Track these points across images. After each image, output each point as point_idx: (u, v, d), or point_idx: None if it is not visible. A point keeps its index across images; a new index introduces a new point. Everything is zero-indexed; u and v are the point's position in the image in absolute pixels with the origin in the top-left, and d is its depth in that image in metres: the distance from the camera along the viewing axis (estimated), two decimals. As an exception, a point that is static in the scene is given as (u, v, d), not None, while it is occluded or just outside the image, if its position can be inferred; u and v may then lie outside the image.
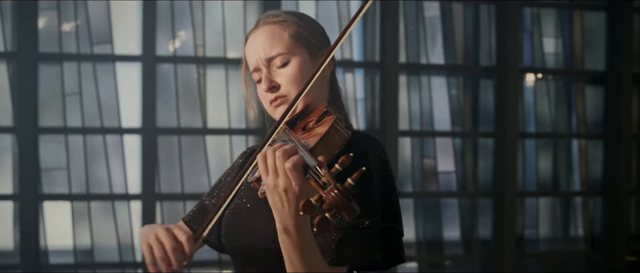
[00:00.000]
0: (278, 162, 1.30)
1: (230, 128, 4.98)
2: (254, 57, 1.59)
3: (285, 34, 1.57)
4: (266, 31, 1.58)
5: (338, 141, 1.37)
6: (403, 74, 5.45)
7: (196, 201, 4.83)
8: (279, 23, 1.58)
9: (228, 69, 5.00)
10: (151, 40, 4.70)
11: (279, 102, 1.57)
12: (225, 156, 5.00)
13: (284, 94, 1.57)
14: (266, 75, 1.57)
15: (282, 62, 1.56)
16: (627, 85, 6.08)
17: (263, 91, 1.59)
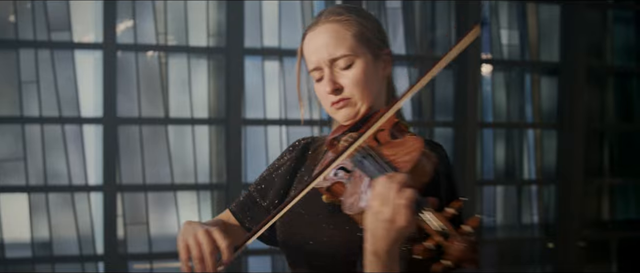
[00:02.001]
0: (390, 194, 1.19)
1: (192, 118, 4.71)
2: (315, 56, 1.48)
3: (349, 34, 1.46)
4: (329, 30, 1.46)
5: (429, 170, 1.27)
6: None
7: (158, 193, 4.66)
8: (343, 22, 1.46)
9: (190, 57, 4.73)
10: (111, 27, 4.41)
11: (342, 105, 1.47)
12: (188, 147, 4.73)
13: (348, 96, 1.47)
14: (330, 77, 1.46)
15: (346, 63, 1.45)
16: (581, 76, 6.01)
17: (325, 92, 1.48)
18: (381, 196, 1.20)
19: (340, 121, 1.49)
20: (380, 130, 1.41)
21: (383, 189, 1.20)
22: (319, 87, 1.49)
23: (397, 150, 1.32)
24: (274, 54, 5.00)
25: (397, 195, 1.19)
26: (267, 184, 1.56)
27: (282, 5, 5.03)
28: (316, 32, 1.47)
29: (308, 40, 1.48)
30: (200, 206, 4.74)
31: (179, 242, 1.39)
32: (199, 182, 4.72)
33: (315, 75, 1.49)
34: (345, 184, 1.35)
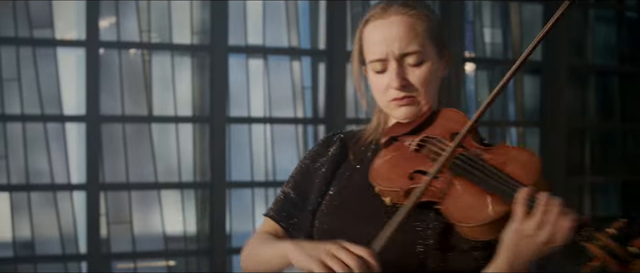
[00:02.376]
0: (551, 217, 1.16)
1: (176, 116, 4.65)
2: (383, 48, 1.36)
3: (421, 30, 1.38)
4: (403, 23, 1.36)
5: (546, 183, 1.24)
6: (349, 62, 5.23)
7: (141, 191, 4.60)
8: (416, 16, 1.37)
9: (174, 55, 4.68)
10: (94, 24, 4.34)
11: (406, 102, 1.37)
12: (172, 145, 4.68)
13: (413, 94, 1.38)
14: (398, 72, 1.36)
15: (416, 61, 1.37)
16: (562, 75, 6.02)
17: (391, 88, 1.37)
18: (540, 219, 1.16)
19: (399, 118, 1.39)
20: (456, 133, 1.35)
21: (543, 212, 1.16)
22: (378, 80, 1.38)
23: (503, 160, 1.27)
24: (258, 52, 4.95)
25: (559, 218, 1.16)
26: (305, 183, 1.46)
27: (267, 4, 4.99)
28: (387, 22, 1.36)
29: (373, 29, 1.38)
30: (184, 205, 4.69)
31: (312, 266, 1.24)
32: (182, 180, 4.67)
33: (376, 67, 1.38)
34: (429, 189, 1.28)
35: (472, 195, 1.24)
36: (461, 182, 1.26)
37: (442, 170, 1.27)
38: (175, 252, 4.64)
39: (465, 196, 1.24)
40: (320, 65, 5.16)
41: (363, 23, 1.40)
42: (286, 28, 5.05)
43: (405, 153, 1.36)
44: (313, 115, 5.13)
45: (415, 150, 1.35)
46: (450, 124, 1.38)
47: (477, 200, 1.23)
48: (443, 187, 1.26)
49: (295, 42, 5.09)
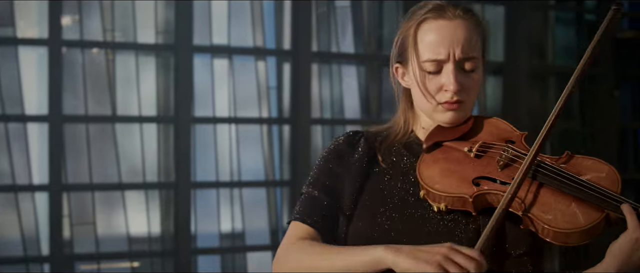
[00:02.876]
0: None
1: (140, 116, 4.60)
2: (444, 48, 1.33)
3: (478, 36, 1.37)
4: (466, 27, 1.34)
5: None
6: (314, 63, 5.23)
7: (105, 192, 4.53)
8: (477, 23, 1.37)
9: (138, 54, 4.62)
10: (57, 23, 4.26)
11: (457, 107, 1.35)
12: (136, 145, 4.62)
13: (464, 99, 1.36)
14: (456, 75, 1.33)
15: (472, 66, 1.35)
16: (523, 75, 6.09)
17: (445, 90, 1.34)
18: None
19: (444, 122, 1.37)
20: (511, 142, 1.36)
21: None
22: (431, 80, 1.35)
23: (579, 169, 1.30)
24: (224, 51, 4.92)
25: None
26: (334, 185, 1.39)
27: (232, 4, 4.95)
28: (452, 24, 1.34)
29: (435, 29, 1.34)
30: (149, 205, 4.64)
31: (429, 268, 1.21)
32: (147, 181, 4.62)
33: (430, 67, 1.34)
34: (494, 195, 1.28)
35: (562, 203, 1.26)
36: (546, 190, 1.27)
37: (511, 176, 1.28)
38: (140, 253, 4.58)
39: (556, 203, 1.26)
40: (285, 66, 5.14)
41: (417, 21, 1.35)
42: (251, 28, 5.03)
43: (460, 159, 1.34)
44: (278, 115, 5.12)
45: (477, 156, 1.33)
46: (499, 131, 1.38)
47: (569, 208, 1.25)
48: (525, 196, 1.27)
49: (260, 42, 5.07)
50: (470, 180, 1.29)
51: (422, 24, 1.34)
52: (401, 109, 1.42)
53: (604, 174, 1.28)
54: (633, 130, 7.07)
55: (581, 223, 1.23)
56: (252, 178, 4.99)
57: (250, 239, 4.94)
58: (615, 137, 6.62)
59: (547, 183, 1.26)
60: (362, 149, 1.40)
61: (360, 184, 1.37)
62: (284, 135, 5.13)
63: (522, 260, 1.31)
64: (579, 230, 1.23)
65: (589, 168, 1.29)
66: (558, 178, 1.27)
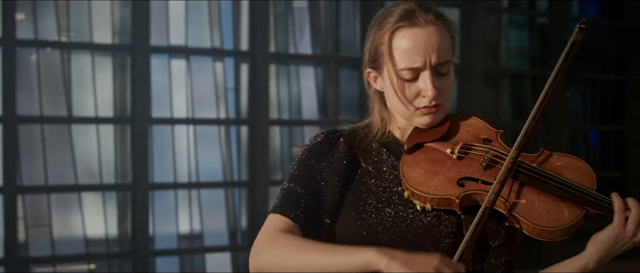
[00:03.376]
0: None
1: (97, 117, 4.53)
2: (420, 56, 1.35)
3: (450, 39, 1.40)
4: (438, 32, 1.37)
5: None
6: (272, 63, 5.23)
7: (61, 194, 4.46)
8: (448, 26, 1.40)
9: (94, 54, 4.56)
10: (10, 23, 4.17)
11: (434, 110, 1.38)
12: (92, 146, 4.55)
13: (440, 102, 1.38)
14: (433, 81, 1.35)
15: (446, 70, 1.38)
16: (478, 77, 6.17)
17: (423, 95, 1.36)
18: (637, 222, 1.28)
19: (423, 125, 1.39)
20: (487, 140, 1.39)
21: (637, 213, 1.28)
22: (408, 87, 1.37)
23: (557, 167, 1.34)
24: (181, 52, 4.88)
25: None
26: (314, 182, 1.40)
27: (189, 4, 4.92)
28: (425, 31, 1.35)
29: (410, 37, 1.36)
30: (106, 207, 4.57)
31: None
32: (104, 182, 4.56)
33: (407, 75, 1.36)
34: (479, 195, 1.32)
35: (544, 202, 1.31)
36: (528, 189, 1.31)
37: (493, 176, 1.32)
38: (97, 255, 4.51)
39: (539, 202, 1.31)
40: (242, 66, 5.13)
41: (390, 29, 1.36)
42: (209, 28, 5.00)
43: (442, 161, 1.36)
44: (236, 116, 5.10)
45: (459, 157, 1.36)
46: (476, 131, 1.41)
47: (552, 206, 1.31)
48: (508, 195, 1.31)
49: (218, 42, 5.05)
50: (455, 181, 1.33)
51: (396, 32, 1.36)
52: (376, 110, 1.43)
53: (580, 171, 1.34)
54: (584, 132, 7.23)
55: (564, 221, 1.29)
56: (210, 179, 4.96)
57: (208, 240, 4.91)
58: (567, 138, 6.75)
59: (530, 183, 1.31)
60: (342, 148, 1.41)
61: (343, 183, 1.38)
62: (241, 136, 5.11)
63: (500, 250, 1.37)
64: (562, 227, 1.28)
65: (566, 166, 1.34)
66: (540, 178, 1.31)
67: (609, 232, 1.29)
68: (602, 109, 7.26)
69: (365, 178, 1.40)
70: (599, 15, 7.28)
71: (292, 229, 1.37)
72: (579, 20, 1.41)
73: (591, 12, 7.30)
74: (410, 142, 1.39)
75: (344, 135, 1.43)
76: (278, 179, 5.17)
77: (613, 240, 1.29)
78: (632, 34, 7.23)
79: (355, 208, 1.37)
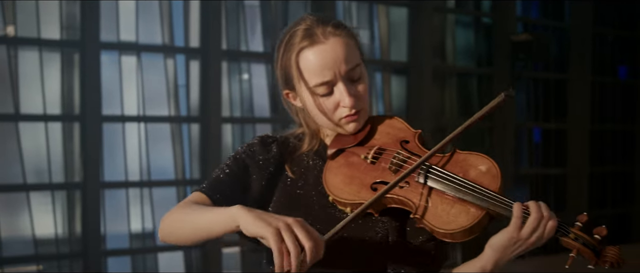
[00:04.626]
0: (542, 223, 1.29)
1: (45, 114, 4.39)
2: (328, 70, 1.37)
3: (354, 46, 1.38)
4: (341, 44, 1.37)
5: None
6: (224, 61, 5.15)
7: (8, 193, 4.29)
8: (348, 35, 1.38)
9: (42, 50, 4.41)
10: (-46, 17, 4.02)
11: (356, 118, 1.40)
12: (41, 144, 4.40)
13: (360, 108, 1.39)
14: (348, 90, 1.37)
15: (358, 76, 1.39)
16: (427, 75, 6.20)
17: (342, 106, 1.39)
18: (533, 227, 1.28)
19: (350, 132, 1.41)
20: (405, 142, 1.40)
21: (537, 221, 1.28)
22: (326, 101, 1.39)
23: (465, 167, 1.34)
24: (132, 48, 4.77)
25: (548, 223, 1.28)
26: (242, 175, 1.43)
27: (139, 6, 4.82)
28: (328, 46, 1.37)
29: (314, 55, 1.38)
30: (55, 207, 4.43)
31: (267, 233, 1.22)
32: (53, 181, 4.41)
33: (321, 90, 1.38)
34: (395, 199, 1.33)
35: (447, 204, 1.32)
36: (434, 192, 1.32)
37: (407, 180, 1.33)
38: (46, 256, 4.37)
39: (442, 205, 1.32)
40: (193, 63, 5.04)
41: (295, 52, 1.38)
42: (160, 25, 4.90)
43: (359, 165, 1.38)
44: (187, 114, 5.01)
45: (372, 162, 1.37)
46: (395, 132, 1.42)
47: (453, 209, 1.31)
48: (415, 197, 1.32)
49: (169, 39, 4.95)
50: (369, 185, 1.34)
51: (301, 53, 1.38)
52: (304, 124, 1.44)
53: (485, 170, 1.34)
54: (528, 129, 7.36)
55: (462, 223, 1.30)
56: (162, 177, 4.86)
57: (161, 239, 4.81)
58: (511, 135, 6.86)
59: (434, 186, 1.32)
60: (273, 153, 1.44)
61: (268, 184, 1.41)
62: (193, 133, 5.02)
63: (425, 246, 1.37)
64: (462, 229, 1.30)
65: (472, 165, 1.34)
66: (443, 180, 1.32)
67: (503, 236, 1.29)
68: (545, 107, 7.40)
69: (292, 187, 1.42)
70: (541, 16, 7.43)
71: (207, 203, 1.40)
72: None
73: (533, 12, 7.44)
74: (331, 147, 1.41)
75: (278, 141, 1.46)
76: (231, 177, 5.11)
77: (507, 242, 1.30)
78: (572, 33, 7.40)
79: (284, 212, 1.35)
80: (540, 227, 1.29)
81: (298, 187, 1.42)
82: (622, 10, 7.94)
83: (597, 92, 7.68)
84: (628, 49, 8.02)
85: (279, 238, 1.20)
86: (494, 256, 1.32)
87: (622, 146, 7.96)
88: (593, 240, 1.29)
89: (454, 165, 1.35)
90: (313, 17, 1.40)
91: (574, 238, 1.29)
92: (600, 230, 1.30)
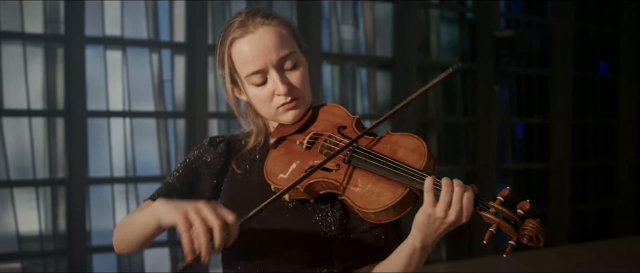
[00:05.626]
0: (456, 197, 1.25)
1: (29, 109, 4.30)
2: (260, 60, 1.39)
3: (288, 35, 1.41)
4: (272, 32, 1.40)
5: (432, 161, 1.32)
6: (210, 56, 5.09)
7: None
8: (280, 24, 1.41)
9: (26, 44, 4.32)
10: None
11: (294, 105, 1.41)
12: (25, 140, 4.31)
13: (298, 96, 1.41)
14: (281, 78, 1.39)
15: (293, 64, 1.41)
16: (412, 71, 6.18)
17: (277, 95, 1.40)
18: (446, 202, 1.24)
19: (289, 122, 1.43)
20: (342, 127, 1.39)
21: (448, 195, 1.24)
22: (261, 91, 1.41)
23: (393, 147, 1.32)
24: (117, 43, 4.69)
25: (463, 198, 1.25)
26: (191, 178, 1.47)
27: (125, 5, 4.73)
28: (256, 36, 1.39)
29: (244, 45, 1.39)
30: (39, 203, 4.34)
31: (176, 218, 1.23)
32: (37, 177, 4.32)
33: (255, 80, 1.40)
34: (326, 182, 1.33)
35: (371, 184, 1.30)
36: (359, 172, 1.31)
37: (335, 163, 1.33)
38: (31, 253, 4.28)
39: (365, 185, 1.30)
40: (178, 58, 4.97)
41: (227, 44, 1.40)
42: (145, 19, 4.82)
43: (297, 152, 1.39)
44: (174, 109, 4.94)
45: (307, 147, 1.38)
46: (334, 118, 1.43)
47: (376, 188, 1.30)
48: (342, 179, 1.31)
49: (155, 33, 4.87)
50: (304, 170, 1.35)
51: (233, 44, 1.41)
52: (251, 120, 1.47)
53: (413, 149, 1.32)
54: (511, 124, 7.36)
55: (384, 202, 1.28)
56: (148, 173, 4.79)
57: (146, 236, 4.73)
58: (494, 130, 6.85)
59: (358, 166, 1.32)
60: (221, 150, 1.48)
61: (217, 180, 1.45)
62: (178, 128, 4.95)
63: (372, 234, 1.37)
64: (384, 208, 1.27)
65: (402, 145, 1.33)
66: (366, 160, 1.31)
67: (421, 213, 1.27)
68: (528, 102, 7.41)
69: (237, 181, 1.45)
70: (523, 12, 7.43)
71: None
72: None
73: (516, 8, 7.44)
74: (273, 136, 1.43)
75: (226, 139, 1.50)
76: (217, 173, 5.05)
77: (426, 219, 1.27)
78: (554, 29, 7.41)
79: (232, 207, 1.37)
80: (454, 201, 1.24)
81: (243, 180, 1.44)
82: (602, 7, 7.97)
83: (578, 88, 7.70)
84: (608, 46, 8.06)
85: (185, 221, 1.21)
86: (418, 235, 1.29)
87: (603, 141, 8.00)
88: (514, 215, 1.25)
89: (384, 146, 1.33)
90: (246, 10, 1.43)
91: (494, 213, 1.24)
92: (523, 204, 1.25)
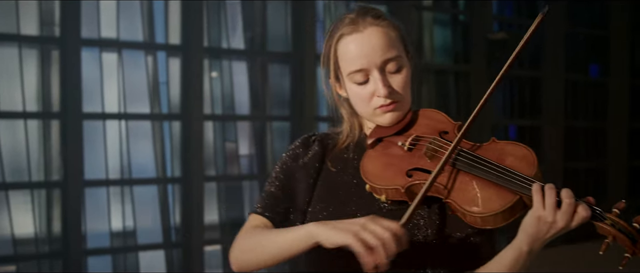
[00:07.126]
0: (570, 208, 1.25)
1: (25, 111, 4.25)
2: (364, 59, 1.39)
3: (395, 37, 1.40)
4: (379, 33, 1.39)
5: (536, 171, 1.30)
6: (206, 58, 5.05)
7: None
8: (388, 26, 1.40)
9: (22, 46, 4.27)
10: None
11: (392, 108, 1.40)
12: (20, 142, 4.27)
13: (398, 99, 1.40)
14: (383, 80, 1.38)
15: (396, 67, 1.40)
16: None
17: (377, 96, 1.40)
18: (553, 205, 1.25)
19: (386, 124, 1.42)
20: (444, 132, 1.39)
21: (552, 198, 1.24)
22: (362, 90, 1.41)
23: (500, 155, 1.32)
24: (113, 45, 4.65)
25: (577, 208, 1.25)
26: (290, 182, 1.48)
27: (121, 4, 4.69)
28: (365, 35, 1.39)
29: (350, 43, 1.39)
30: (34, 206, 4.30)
31: (349, 240, 1.24)
32: (32, 180, 4.28)
33: (358, 78, 1.40)
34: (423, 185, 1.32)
35: (478, 188, 1.30)
36: (464, 177, 1.31)
37: (444, 167, 1.32)
38: (26, 256, 4.24)
39: (472, 189, 1.30)
40: (173, 61, 4.93)
41: (335, 39, 1.41)
42: (141, 21, 4.79)
43: (397, 153, 1.38)
44: (169, 111, 4.90)
45: (409, 149, 1.38)
46: (434, 123, 1.43)
47: (484, 193, 1.29)
48: (446, 182, 1.31)
49: (150, 36, 4.84)
50: (405, 172, 1.34)
51: (340, 41, 1.41)
52: (346, 118, 1.47)
53: (521, 157, 1.32)
54: (504, 126, 7.35)
55: (495, 207, 1.27)
56: (143, 175, 4.75)
57: (142, 237, 4.69)
58: (488, 133, 6.84)
59: (466, 170, 1.31)
60: (315, 150, 1.48)
61: (314, 180, 1.45)
62: (174, 131, 4.92)
63: (466, 241, 1.37)
64: (493, 213, 1.26)
65: (508, 153, 1.33)
66: (473, 164, 1.31)
67: (529, 216, 1.27)
68: (520, 104, 7.41)
69: (332, 180, 1.45)
70: (515, 14, 7.43)
71: (268, 226, 1.46)
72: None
73: (508, 11, 7.43)
74: (371, 137, 1.43)
75: (319, 137, 1.50)
76: (212, 175, 5.01)
77: (536, 222, 1.27)
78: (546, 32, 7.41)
79: (323, 206, 1.42)
80: (565, 210, 1.25)
81: (338, 178, 1.44)
82: (593, 10, 7.98)
83: (569, 90, 7.71)
84: (599, 48, 8.07)
85: (359, 240, 1.22)
86: (526, 238, 1.29)
87: (593, 143, 8.01)
88: (631, 228, 1.24)
89: (489, 152, 1.33)
90: (358, 8, 1.43)
91: (611, 225, 1.24)
92: (619, 205, 1.25)
